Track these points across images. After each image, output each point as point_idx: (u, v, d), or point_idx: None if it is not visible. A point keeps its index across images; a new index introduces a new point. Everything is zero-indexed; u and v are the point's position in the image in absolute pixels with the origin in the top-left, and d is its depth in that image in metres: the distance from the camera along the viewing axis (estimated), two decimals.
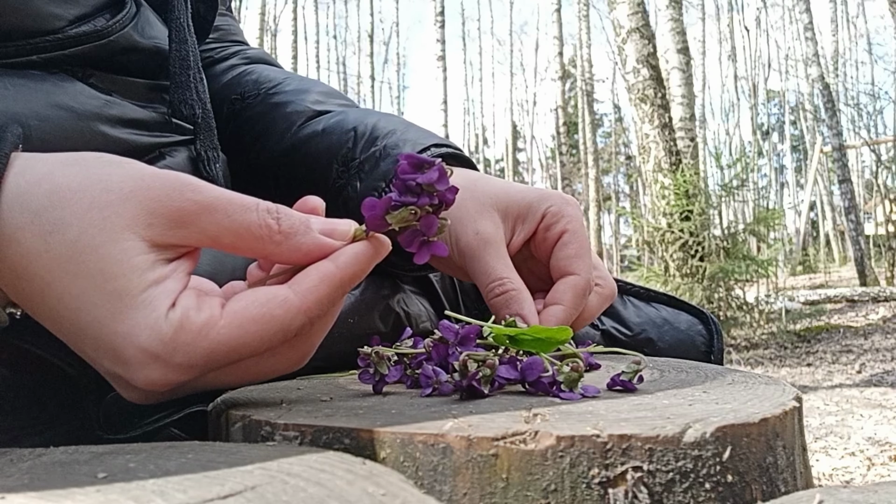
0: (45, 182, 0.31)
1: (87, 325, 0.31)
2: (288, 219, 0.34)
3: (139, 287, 0.31)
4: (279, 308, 0.33)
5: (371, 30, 24.50)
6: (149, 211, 0.32)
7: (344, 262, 0.35)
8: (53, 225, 0.31)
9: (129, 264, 0.31)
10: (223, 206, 0.33)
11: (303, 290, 0.34)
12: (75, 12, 0.48)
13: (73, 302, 0.31)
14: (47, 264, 0.30)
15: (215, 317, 0.32)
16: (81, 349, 0.33)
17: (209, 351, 0.31)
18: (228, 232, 0.33)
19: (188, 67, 0.55)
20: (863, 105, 17.43)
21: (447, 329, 0.42)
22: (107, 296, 0.30)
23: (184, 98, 0.55)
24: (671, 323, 0.71)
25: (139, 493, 0.21)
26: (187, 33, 0.57)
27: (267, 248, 0.34)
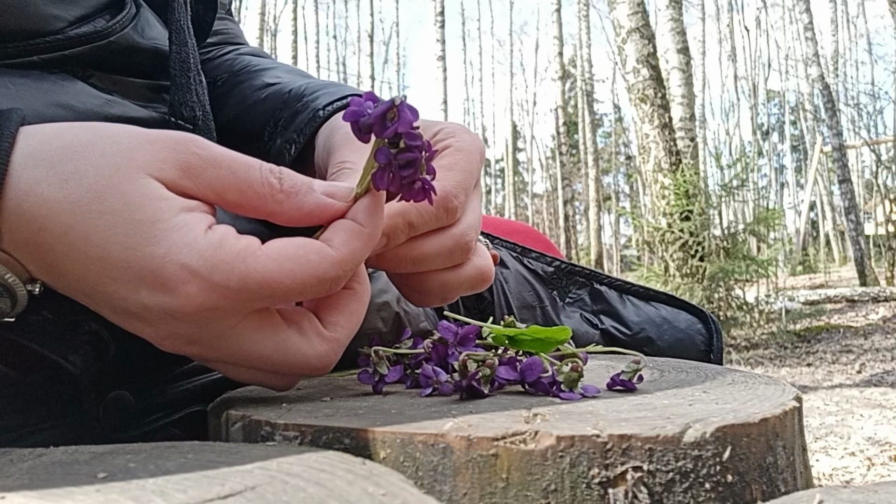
0: (55, 140, 0.32)
1: (119, 258, 0.31)
2: (290, 178, 0.35)
3: (171, 212, 0.32)
4: (315, 254, 0.33)
5: (371, 30, 24.49)
6: (158, 158, 0.32)
7: (365, 218, 0.35)
8: (69, 174, 0.31)
9: (154, 194, 0.32)
10: (227, 161, 0.34)
11: (337, 243, 0.34)
12: (75, 13, 0.48)
13: (100, 238, 0.31)
14: (67, 208, 0.31)
15: (254, 246, 0.32)
16: (111, 290, 0.32)
17: (245, 276, 0.32)
18: (232, 188, 0.34)
19: (188, 70, 0.56)
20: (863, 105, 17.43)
21: (446, 329, 0.42)
22: (137, 224, 0.31)
23: (184, 100, 0.55)
24: (671, 322, 0.71)
25: (139, 493, 0.21)
26: (187, 35, 0.57)
27: (269, 206, 0.34)
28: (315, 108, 0.54)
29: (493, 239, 0.74)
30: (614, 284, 0.74)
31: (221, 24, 0.77)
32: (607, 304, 0.72)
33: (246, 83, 0.65)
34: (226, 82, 0.67)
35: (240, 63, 0.70)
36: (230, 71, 0.69)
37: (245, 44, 0.80)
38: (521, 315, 0.70)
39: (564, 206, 15.95)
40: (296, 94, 0.59)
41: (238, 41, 0.80)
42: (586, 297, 0.74)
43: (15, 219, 0.31)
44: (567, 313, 0.72)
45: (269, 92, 0.62)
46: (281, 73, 0.66)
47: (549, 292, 0.73)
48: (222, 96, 0.66)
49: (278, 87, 0.61)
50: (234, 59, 0.72)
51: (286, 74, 0.66)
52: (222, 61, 0.72)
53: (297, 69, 0.70)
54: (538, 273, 0.73)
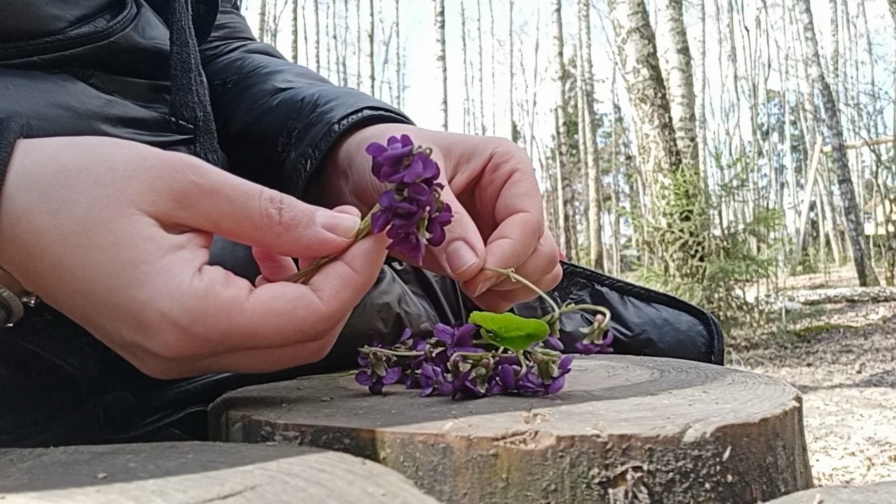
0: (49, 162, 0.32)
1: (102, 297, 0.31)
2: (290, 210, 0.34)
3: (156, 254, 0.31)
4: (304, 310, 0.33)
5: (371, 30, 24.49)
6: (152, 189, 0.32)
7: (361, 265, 0.35)
8: (61, 203, 0.31)
9: (141, 234, 0.31)
10: (225, 191, 0.33)
11: (327, 295, 0.34)
12: (76, 13, 0.48)
13: (86, 275, 0.31)
14: (57, 240, 0.31)
15: (241, 297, 0.32)
16: (99, 323, 0.32)
17: (227, 330, 0.31)
18: (228, 218, 0.33)
19: (189, 70, 0.55)
20: (863, 105, 17.43)
21: (443, 332, 0.42)
22: (121, 265, 0.31)
23: (185, 101, 0.55)
24: (672, 323, 0.71)
25: (139, 493, 0.21)
26: (188, 35, 0.57)
27: (266, 238, 0.34)
28: (329, 122, 0.53)
29: None
30: (615, 286, 0.74)
31: (227, 17, 0.76)
32: (608, 306, 0.72)
33: (256, 87, 0.64)
34: (236, 84, 0.67)
35: (249, 64, 0.70)
36: (240, 73, 0.68)
37: (252, 39, 0.79)
38: (520, 314, 0.70)
39: (564, 206, 15.95)
40: (309, 103, 0.58)
41: (244, 35, 0.79)
42: (587, 298, 0.74)
43: (7, 242, 0.31)
44: (568, 314, 0.72)
45: (281, 98, 0.60)
46: (291, 76, 0.65)
47: (550, 293, 0.73)
48: (233, 100, 0.65)
49: (290, 94, 0.60)
50: (244, 59, 0.71)
51: (297, 78, 0.65)
52: (231, 61, 0.72)
53: (308, 70, 0.69)
54: None
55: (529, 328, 0.39)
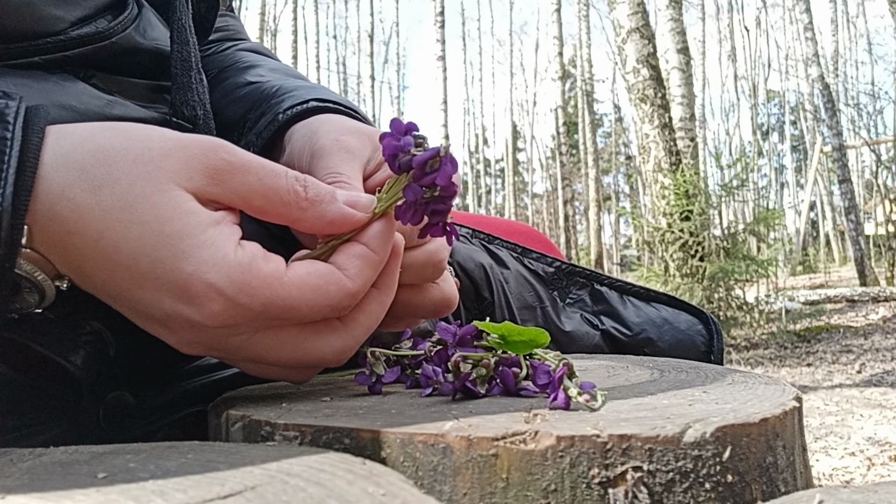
0: (87, 143, 0.33)
1: (147, 269, 0.32)
2: (315, 187, 0.36)
3: (199, 228, 0.32)
4: (334, 286, 0.35)
5: (371, 30, 24.50)
6: (188, 166, 0.33)
7: (377, 245, 0.37)
8: (102, 180, 0.32)
9: (183, 208, 0.32)
10: (255, 168, 0.34)
11: (352, 273, 0.35)
12: (77, 14, 0.48)
13: (129, 248, 0.32)
14: (100, 215, 0.31)
15: (281, 271, 0.33)
16: (137, 297, 0.33)
17: (268, 301, 0.33)
18: (258, 194, 0.34)
19: (189, 69, 0.56)
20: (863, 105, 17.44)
21: (444, 330, 0.42)
22: (166, 238, 0.32)
23: (185, 99, 0.55)
24: (671, 323, 0.71)
25: (139, 493, 0.21)
26: (189, 34, 0.57)
27: (293, 214, 0.35)
28: (276, 112, 0.53)
29: (494, 239, 0.74)
30: (615, 285, 0.74)
31: (222, 20, 0.76)
32: (608, 305, 0.72)
33: (230, 79, 0.64)
34: (214, 77, 0.67)
35: (230, 59, 0.70)
36: (220, 66, 0.68)
37: (245, 39, 0.80)
38: (521, 315, 0.70)
39: (564, 206, 15.95)
40: (267, 95, 0.58)
41: (239, 37, 0.79)
42: (587, 297, 0.74)
43: (46, 220, 0.31)
44: (567, 314, 0.72)
45: (248, 90, 0.61)
46: (265, 71, 0.65)
47: (550, 293, 0.73)
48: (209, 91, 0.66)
49: (256, 86, 0.61)
50: (227, 56, 0.71)
51: (270, 73, 0.65)
52: (216, 57, 0.72)
53: (287, 68, 0.69)
54: (539, 273, 0.73)
55: (529, 334, 0.40)
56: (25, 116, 0.32)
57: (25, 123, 0.32)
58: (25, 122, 0.32)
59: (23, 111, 0.32)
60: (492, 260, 0.71)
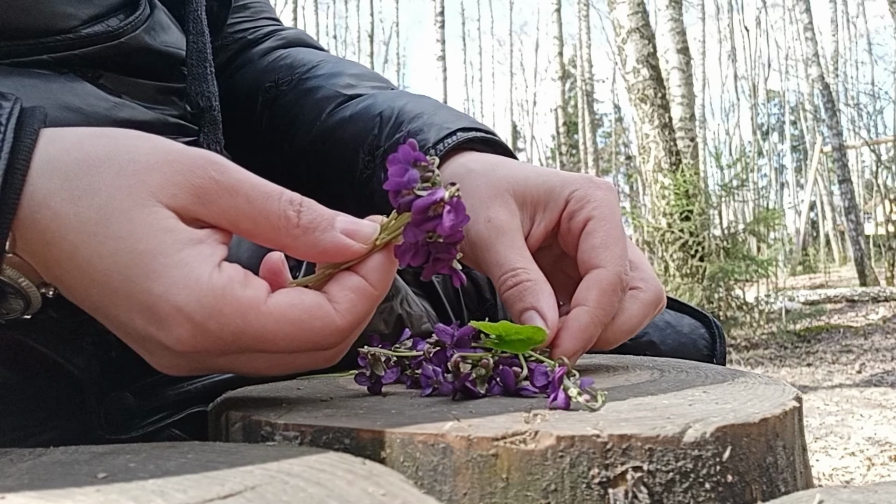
0: (74, 150, 0.32)
1: (118, 287, 0.31)
2: (309, 213, 0.34)
3: (174, 247, 0.31)
4: (320, 321, 0.33)
5: (371, 30, 24.50)
6: (172, 182, 0.32)
7: (377, 279, 0.35)
8: (83, 190, 0.31)
9: (159, 226, 0.31)
10: (245, 190, 0.33)
11: (343, 308, 0.33)
12: (89, 12, 0.48)
13: (102, 264, 0.31)
14: (76, 227, 0.31)
15: (258, 300, 0.32)
16: (113, 314, 0.32)
17: (240, 331, 0.31)
18: (246, 217, 0.33)
19: (205, 60, 0.55)
20: (863, 105, 17.43)
21: (443, 332, 0.42)
22: (138, 256, 0.31)
23: (201, 90, 0.54)
24: (674, 326, 0.70)
25: (139, 493, 0.21)
26: (203, 27, 0.57)
27: (283, 240, 0.34)
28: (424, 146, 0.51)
29: None
30: None
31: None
32: None
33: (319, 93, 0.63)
34: (291, 87, 0.66)
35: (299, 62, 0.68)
36: (291, 74, 0.67)
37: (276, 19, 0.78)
38: None
39: None
40: (389, 118, 0.56)
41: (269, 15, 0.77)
42: None
43: (28, 229, 0.31)
44: None
45: (355, 111, 0.59)
46: (351, 79, 0.64)
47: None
48: (291, 105, 0.64)
49: (365, 105, 0.59)
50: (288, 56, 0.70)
51: (359, 81, 0.63)
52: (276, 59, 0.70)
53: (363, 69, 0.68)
54: None
55: (527, 332, 0.40)
56: (19, 118, 0.31)
57: (19, 125, 0.31)
58: (19, 123, 0.31)
59: (17, 112, 0.32)
60: None
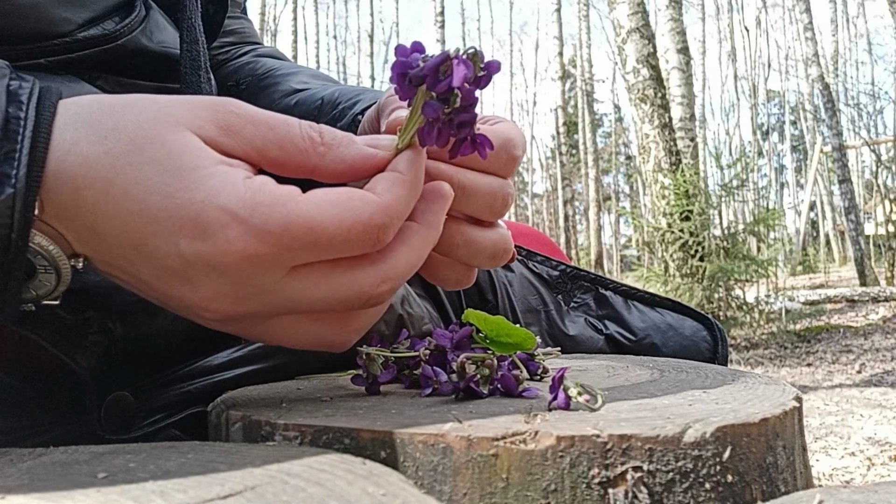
0: (95, 103, 0.32)
1: (158, 207, 0.31)
2: (330, 132, 0.35)
3: (211, 160, 0.31)
4: (359, 199, 0.32)
5: (371, 30, 24.50)
6: (198, 116, 0.32)
7: (406, 166, 0.35)
8: (109, 130, 0.31)
9: (194, 144, 0.31)
10: (265, 118, 0.34)
11: (380, 189, 0.33)
12: (85, 16, 0.48)
13: (140, 189, 0.31)
14: (108, 162, 0.31)
15: (295, 192, 0.32)
16: (153, 245, 0.31)
17: (286, 219, 0.31)
18: (273, 144, 0.33)
19: (199, 68, 0.56)
20: (863, 105, 17.43)
21: (441, 336, 0.43)
22: (177, 171, 0.31)
23: None
24: (676, 329, 0.70)
25: (139, 493, 0.21)
26: (198, 33, 0.57)
27: (311, 161, 0.34)
28: (354, 114, 0.53)
29: None
30: (619, 290, 0.74)
31: (237, 23, 0.77)
32: (612, 310, 0.72)
33: (272, 88, 0.65)
34: (250, 85, 0.67)
35: (262, 66, 0.70)
36: (253, 74, 0.69)
37: (260, 43, 0.81)
38: (525, 319, 0.70)
39: (564, 206, 15.95)
40: (329, 102, 0.58)
41: (254, 40, 0.80)
42: (591, 301, 0.73)
43: (55, 183, 0.31)
44: (572, 318, 0.72)
45: (299, 98, 0.61)
46: (306, 77, 0.66)
47: (554, 296, 0.72)
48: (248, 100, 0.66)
49: (308, 94, 0.61)
50: (255, 62, 0.72)
51: (312, 80, 0.65)
52: (243, 63, 0.73)
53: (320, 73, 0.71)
54: (543, 277, 0.73)
55: (518, 337, 0.40)
56: (39, 96, 0.32)
57: (39, 102, 0.32)
58: (39, 100, 0.32)
59: (37, 91, 0.32)
60: None
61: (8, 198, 0.30)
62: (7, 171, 0.30)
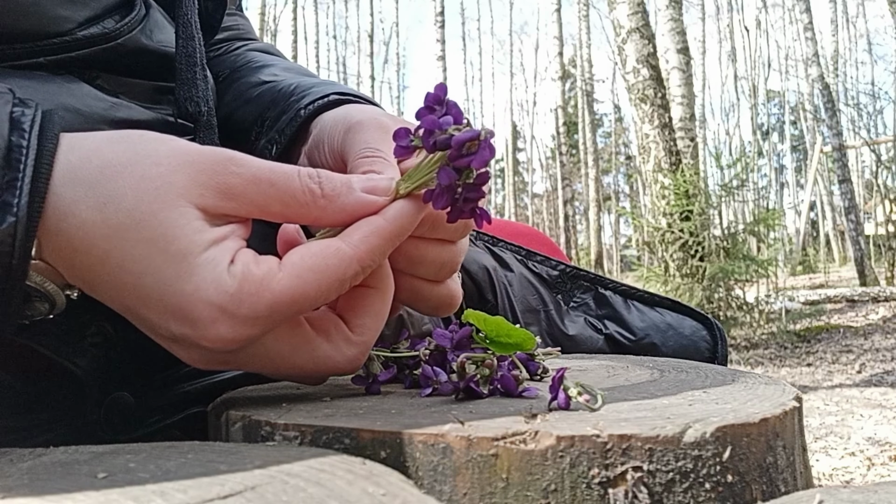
0: (94, 158, 0.32)
1: (151, 289, 0.31)
2: (329, 181, 0.35)
3: (201, 247, 0.32)
4: (333, 257, 0.33)
5: (371, 30, 24.49)
6: (198, 183, 0.33)
7: (392, 215, 0.36)
8: (108, 196, 0.31)
9: (190, 227, 0.32)
10: (267, 176, 0.34)
11: (354, 240, 0.34)
12: (84, 14, 0.48)
13: (135, 267, 0.31)
14: (105, 233, 0.31)
15: (274, 269, 0.33)
16: (145, 316, 0.33)
17: (272, 301, 0.32)
18: (275, 201, 0.34)
19: (194, 64, 0.55)
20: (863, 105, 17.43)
21: (441, 336, 0.43)
22: (171, 257, 0.31)
23: (189, 95, 0.54)
24: (675, 328, 0.70)
25: (139, 493, 0.21)
26: (194, 30, 0.57)
27: (313, 213, 0.35)
28: (298, 108, 0.54)
29: (498, 241, 0.74)
30: (619, 289, 0.74)
31: (231, 19, 0.76)
32: (612, 309, 0.72)
33: (244, 79, 0.65)
34: (226, 78, 0.67)
35: (242, 59, 0.70)
36: (232, 66, 0.69)
37: (255, 39, 0.80)
38: (525, 319, 0.70)
39: (564, 206, 15.95)
40: (284, 93, 0.58)
41: (248, 37, 0.79)
42: (591, 301, 0.73)
43: (54, 236, 0.31)
44: (571, 317, 0.72)
45: (263, 89, 0.61)
46: (279, 70, 0.66)
47: (554, 296, 0.72)
48: (221, 92, 0.66)
49: (271, 85, 0.61)
50: (239, 56, 0.72)
51: (284, 72, 0.65)
52: (227, 57, 0.72)
53: (299, 67, 0.70)
54: (543, 277, 0.73)
55: (518, 337, 0.40)
56: (42, 124, 0.32)
57: (41, 131, 0.32)
58: (41, 129, 0.32)
59: (38, 119, 0.32)
60: (496, 262, 0.71)
61: (10, 226, 0.30)
62: (9, 199, 0.30)
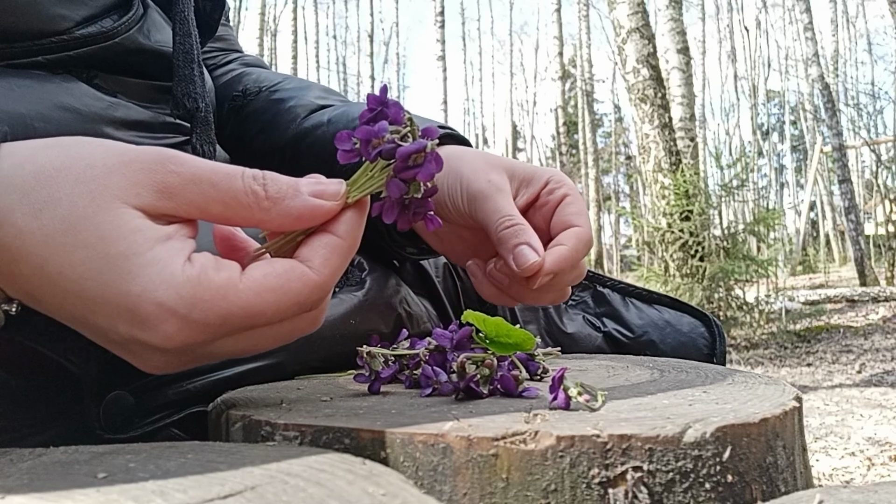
0: (27, 164, 0.31)
1: (95, 294, 0.30)
2: (275, 183, 0.34)
3: (146, 245, 0.31)
4: (297, 281, 0.33)
5: (371, 30, 24.48)
6: (134, 182, 0.31)
7: (345, 231, 0.35)
8: (43, 203, 0.30)
9: (128, 227, 0.31)
10: (207, 176, 0.32)
11: (318, 264, 0.33)
12: (83, 13, 0.48)
13: (74, 273, 0.30)
14: (42, 240, 0.30)
15: (234, 279, 0.32)
16: (92, 322, 0.32)
17: (226, 313, 0.31)
18: (216, 202, 0.33)
19: (191, 61, 0.55)
20: (863, 105, 17.42)
21: (441, 336, 0.43)
22: (111, 259, 0.30)
23: (187, 91, 0.55)
24: (673, 325, 0.71)
25: (139, 493, 0.21)
26: (191, 27, 0.57)
27: (256, 216, 0.33)
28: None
29: None
30: (617, 287, 0.74)
31: (224, 30, 0.78)
32: (610, 307, 0.72)
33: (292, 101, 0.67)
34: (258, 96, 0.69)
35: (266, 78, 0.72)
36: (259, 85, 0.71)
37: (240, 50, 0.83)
38: (523, 317, 0.70)
39: None
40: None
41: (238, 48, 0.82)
42: (589, 299, 0.74)
43: None
44: (570, 315, 0.72)
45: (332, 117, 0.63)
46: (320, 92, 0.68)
47: None
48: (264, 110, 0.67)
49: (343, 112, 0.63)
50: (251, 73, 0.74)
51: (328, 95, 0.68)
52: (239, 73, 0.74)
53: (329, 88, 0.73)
54: None
55: (517, 337, 0.40)
56: None
57: None
58: None
59: None
60: None
61: None
62: None
